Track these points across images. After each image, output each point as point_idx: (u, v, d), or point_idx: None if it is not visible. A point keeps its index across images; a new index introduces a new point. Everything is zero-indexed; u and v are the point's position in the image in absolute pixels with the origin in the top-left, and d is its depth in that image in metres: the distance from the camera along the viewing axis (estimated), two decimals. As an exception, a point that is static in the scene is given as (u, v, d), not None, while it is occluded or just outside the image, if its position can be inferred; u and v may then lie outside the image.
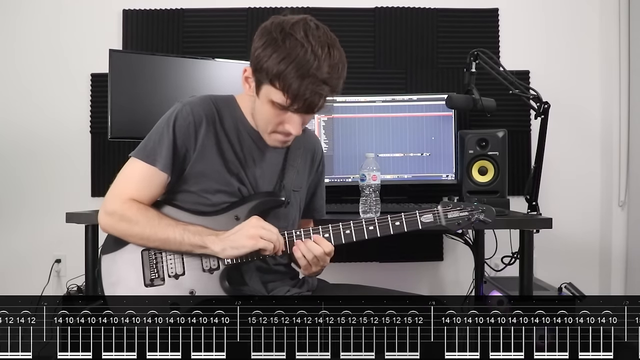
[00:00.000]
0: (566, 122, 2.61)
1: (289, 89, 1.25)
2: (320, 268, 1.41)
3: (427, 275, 2.70)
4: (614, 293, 2.61)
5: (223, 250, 1.33)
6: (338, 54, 1.29)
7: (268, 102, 1.31)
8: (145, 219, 1.35)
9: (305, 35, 1.25)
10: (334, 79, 1.28)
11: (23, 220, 2.65)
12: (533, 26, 2.67)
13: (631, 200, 2.61)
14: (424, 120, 2.35)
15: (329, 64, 1.26)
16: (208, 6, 2.65)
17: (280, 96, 1.28)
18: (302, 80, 1.24)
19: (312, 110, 1.31)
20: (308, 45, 1.24)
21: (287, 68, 1.24)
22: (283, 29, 1.26)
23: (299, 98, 1.26)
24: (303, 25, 1.27)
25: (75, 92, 2.63)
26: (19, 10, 2.64)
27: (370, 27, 2.65)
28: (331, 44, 1.28)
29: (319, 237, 1.38)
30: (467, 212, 1.41)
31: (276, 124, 1.35)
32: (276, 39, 1.25)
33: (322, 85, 1.26)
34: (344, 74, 1.32)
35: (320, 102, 1.29)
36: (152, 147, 1.38)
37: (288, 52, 1.24)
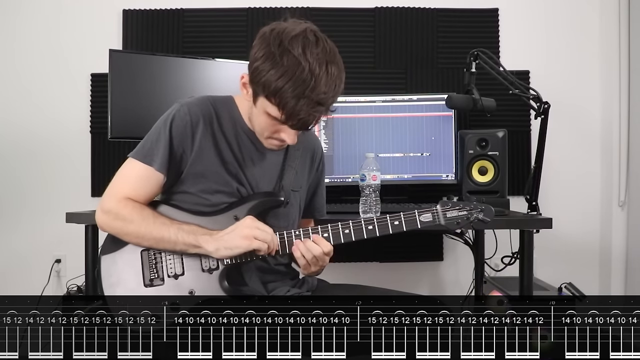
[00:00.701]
0: (566, 122, 2.61)
1: (284, 107, 1.26)
2: (320, 268, 1.41)
3: (427, 275, 2.70)
4: (614, 293, 2.61)
5: (217, 250, 1.33)
6: (336, 70, 1.28)
7: (264, 113, 1.32)
8: (140, 218, 1.36)
9: (304, 53, 1.24)
10: (330, 98, 1.28)
11: (23, 220, 2.65)
12: (533, 26, 2.67)
13: (631, 200, 2.61)
14: (424, 120, 2.35)
15: (326, 83, 1.25)
16: (208, 6, 2.65)
17: (276, 111, 1.28)
18: (297, 101, 1.24)
19: (307, 127, 1.32)
20: (306, 64, 1.23)
21: (284, 86, 1.24)
22: (282, 43, 1.25)
23: (293, 116, 1.27)
24: (302, 40, 1.25)
25: (75, 92, 2.63)
26: (19, 10, 2.64)
27: (370, 27, 2.65)
28: (330, 60, 1.27)
29: (318, 237, 1.38)
30: (466, 211, 1.40)
31: (272, 132, 1.36)
32: (274, 54, 1.24)
33: (317, 106, 1.26)
34: (340, 88, 1.31)
35: (315, 121, 1.31)
36: (150, 148, 1.38)
37: (285, 69, 1.23)
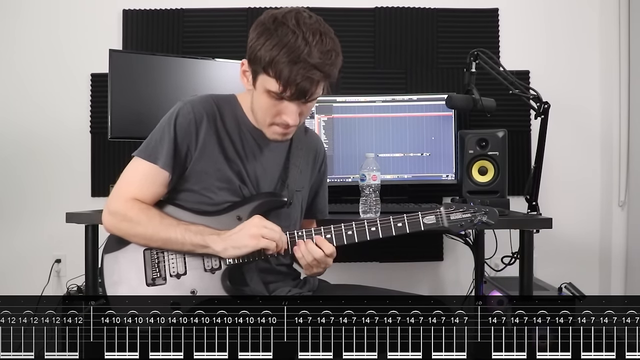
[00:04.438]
0: (566, 122, 2.61)
1: (280, 75, 1.26)
2: (322, 269, 1.41)
3: (427, 275, 2.70)
4: (614, 293, 2.62)
5: (225, 249, 1.33)
6: (331, 42, 1.29)
7: (264, 92, 1.32)
8: (147, 219, 1.36)
9: (297, 24, 1.26)
10: (326, 64, 1.28)
11: (23, 220, 2.65)
12: (533, 26, 2.68)
13: (631, 200, 2.61)
14: (424, 120, 2.35)
15: (320, 50, 1.26)
16: (208, 6, 2.65)
17: (274, 83, 1.28)
18: (293, 66, 1.25)
19: (305, 96, 1.31)
20: (299, 32, 1.25)
21: (279, 54, 1.25)
22: (276, 19, 1.28)
23: (290, 84, 1.27)
24: (295, 15, 1.28)
25: (75, 92, 2.63)
26: (19, 11, 2.64)
27: (370, 27, 2.65)
28: (323, 31, 1.29)
29: (320, 238, 1.38)
30: (469, 213, 1.40)
31: (274, 115, 1.35)
32: (269, 29, 1.27)
33: (314, 70, 1.26)
34: (338, 61, 1.31)
35: (313, 88, 1.29)
36: (154, 146, 1.39)
37: (280, 39, 1.25)
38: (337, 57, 1.31)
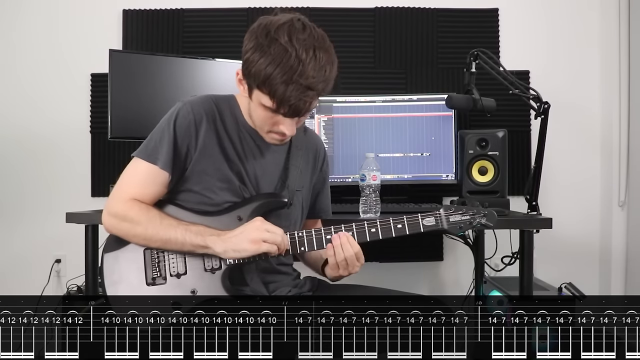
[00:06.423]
0: (566, 122, 2.61)
1: (274, 95, 1.26)
2: (347, 274, 1.40)
3: (427, 275, 2.70)
4: (614, 293, 2.61)
5: (225, 252, 1.33)
6: (325, 56, 1.28)
7: (260, 106, 1.32)
8: (147, 220, 1.36)
9: (290, 40, 1.25)
10: (320, 82, 1.27)
11: (23, 220, 2.65)
12: (533, 26, 2.68)
13: (631, 201, 2.61)
14: (424, 120, 2.35)
15: (314, 68, 1.25)
16: (208, 6, 2.65)
17: (268, 100, 1.29)
18: (286, 86, 1.25)
19: (299, 114, 1.32)
20: (292, 50, 1.24)
21: (273, 73, 1.24)
22: (268, 33, 1.26)
23: (284, 103, 1.27)
24: (288, 28, 1.26)
25: (75, 92, 2.63)
26: (19, 11, 2.64)
27: (370, 27, 2.65)
28: (317, 45, 1.27)
29: (347, 234, 1.37)
30: (469, 215, 1.41)
31: (271, 125, 1.37)
32: (262, 45, 1.26)
33: (307, 91, 1.26)
34: (332, 74, 1.31)
35: (307, 106, 1.30)
36: (154, 147, 1.39)
37: (273, 57, 1.24)
38: (331, 70, 1.30)
